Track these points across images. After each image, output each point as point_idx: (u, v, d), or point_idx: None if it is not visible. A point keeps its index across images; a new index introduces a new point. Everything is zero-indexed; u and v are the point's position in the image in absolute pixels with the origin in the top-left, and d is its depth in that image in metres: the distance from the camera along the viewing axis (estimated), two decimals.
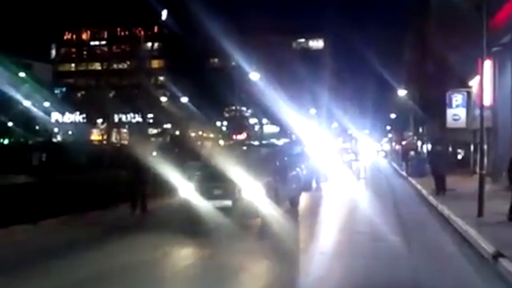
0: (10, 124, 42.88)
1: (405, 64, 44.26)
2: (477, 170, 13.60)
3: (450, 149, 27.11)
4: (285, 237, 7.96)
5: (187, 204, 8.85)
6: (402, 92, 36.06)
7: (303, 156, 15.37)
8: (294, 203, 11.16)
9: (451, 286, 5.39)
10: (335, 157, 23.37)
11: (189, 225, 8.74)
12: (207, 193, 8.81)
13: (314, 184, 15.90)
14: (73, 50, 75.73)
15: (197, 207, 8.63)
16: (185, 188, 9.12)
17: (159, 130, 58.71)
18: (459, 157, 26.87)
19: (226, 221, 8.46)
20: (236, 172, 8.76)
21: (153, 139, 42.78)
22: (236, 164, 9.12)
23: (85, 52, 75.11)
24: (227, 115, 63.06)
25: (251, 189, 8.75)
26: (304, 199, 12.59)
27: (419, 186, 17.10)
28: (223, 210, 8.60)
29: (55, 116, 64.56)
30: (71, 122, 65.81)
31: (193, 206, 8.68)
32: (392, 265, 6.23)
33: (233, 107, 62.47)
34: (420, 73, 34.19)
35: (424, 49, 32.13)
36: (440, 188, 14.00)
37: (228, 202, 8.68)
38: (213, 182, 9.06)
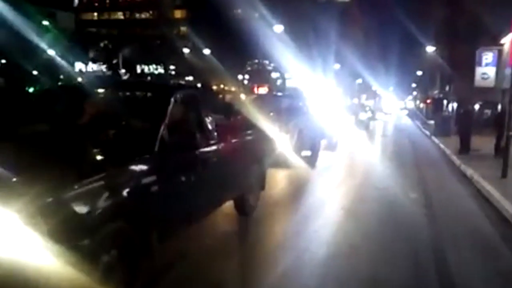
0: (35, 72, 43.34)
1: (435, 20, 42.71)
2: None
3: (477, 108, 26.59)
4: None
5: None
6: (430, 49, 34.99)
7: (296, 113, 10.95)
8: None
9: (469, 245, 5.39)
10: (348, 116, 20.78)
11: None
12: None
13: (308, 153, 10.78)
14: None
15: None
16: None
17: (182, 82, 58.70)
18: (486, 117, 26.33)
19: None
20: None
21: None
22: None
23: (107, 1, 74.47)
24: (249, 68, 62.42)
25: None
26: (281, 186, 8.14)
27: (442, 146, 16.91)
28: None
29: (79, 65, 64.93)
30: (94, 72, 66.17)
31: None
32: (410, 223, 6.22)
33: (256, 60, 61.69)
34: (450, 29, 33.04)
35: (455, 4, 30.88)
36: (464, 148, 13.83)
37: None
38: None
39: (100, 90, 4.94)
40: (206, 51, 48.55)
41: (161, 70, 62.06)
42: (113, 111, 4.27)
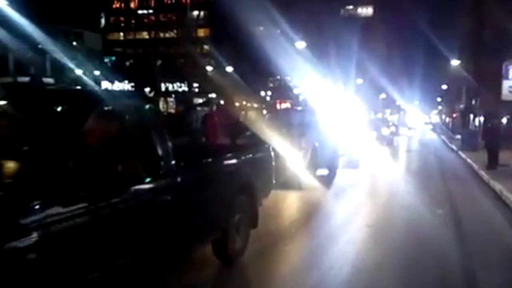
0: None
1: (459, 33, 42.26)
2: None
3: (505, 122, 26.06)
4: None
5: None
6: (455, 62, 34.54)
7: (310, 129, 10.02)
8: None
9: (499, 262, 5.19)
10: (370, 131, 19.88)
11: None
12: None
13: (324, 172, 10.01)
14: (122, 19, 77.17)
15: None
16: None
17: (204, 99, 59.30)
18: None
19: None
20: None
21: (199, 108, 43.21)
22: None
23: (133, 21, 76.29)
24: (271, 84, 62.76)
25: None
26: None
27: (469, 160, 16.54)
28: None
29: (105, 84, 66.31)
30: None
31: None
32: (437, 239, 6.05)
33: (278, 77, 61.98)
34: (475, 42, 32.61)
35: (480, 17, 30.51)
36: (492, 163, 13.50)
37: None
38: None
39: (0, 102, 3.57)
40: (229, 69, 49.11)
41: (185, 87, 62.89)
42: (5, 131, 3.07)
